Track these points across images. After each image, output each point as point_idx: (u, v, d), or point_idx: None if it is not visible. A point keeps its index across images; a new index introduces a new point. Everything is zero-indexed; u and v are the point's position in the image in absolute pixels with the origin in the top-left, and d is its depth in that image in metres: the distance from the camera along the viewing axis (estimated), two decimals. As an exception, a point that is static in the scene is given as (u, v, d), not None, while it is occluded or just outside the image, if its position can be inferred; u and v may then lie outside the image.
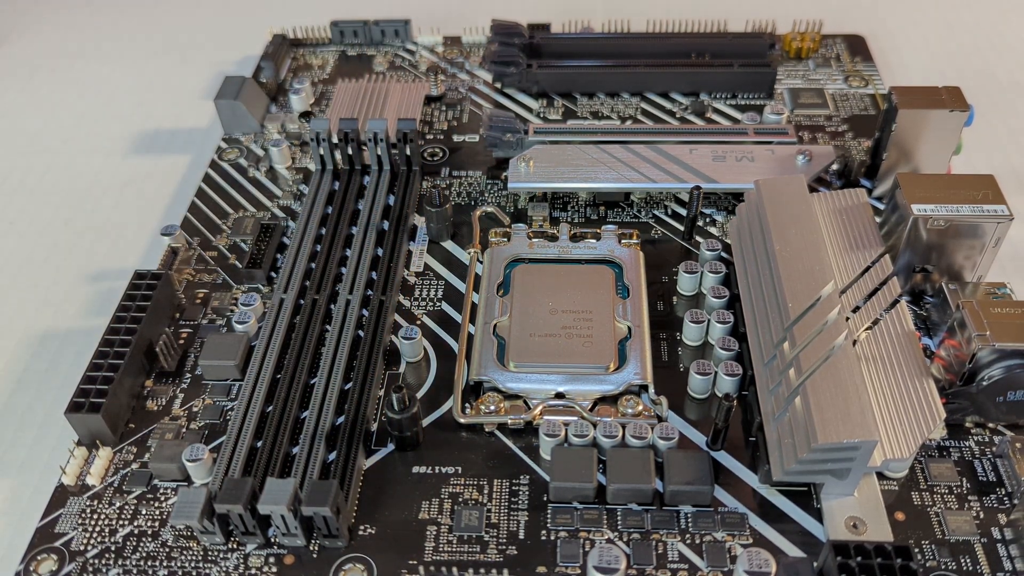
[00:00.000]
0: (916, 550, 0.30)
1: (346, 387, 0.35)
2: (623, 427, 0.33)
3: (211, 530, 0.30)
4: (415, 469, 0.33)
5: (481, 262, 0.40)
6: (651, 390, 0.34)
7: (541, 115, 0.50)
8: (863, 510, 0.31)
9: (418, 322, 0.39)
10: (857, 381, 0.30)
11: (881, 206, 0.43)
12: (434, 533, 0.31)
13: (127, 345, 0.35)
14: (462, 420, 0.34)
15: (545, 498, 0.32)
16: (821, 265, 0.34)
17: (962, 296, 0.36)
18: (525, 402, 0.34)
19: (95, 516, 0.32)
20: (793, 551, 0.30)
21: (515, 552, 0.31)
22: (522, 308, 0.38)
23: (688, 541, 0.31)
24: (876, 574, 0.27)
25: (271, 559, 0.31)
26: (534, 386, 0.35)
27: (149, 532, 0.32)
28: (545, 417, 0.34)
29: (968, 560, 0.30)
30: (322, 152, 0.44)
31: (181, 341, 0.38)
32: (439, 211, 0.41)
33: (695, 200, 0.40)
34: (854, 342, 0.33)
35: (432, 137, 0.49)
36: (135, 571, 0.31)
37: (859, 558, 0.27)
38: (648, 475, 0.31)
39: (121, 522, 0.32)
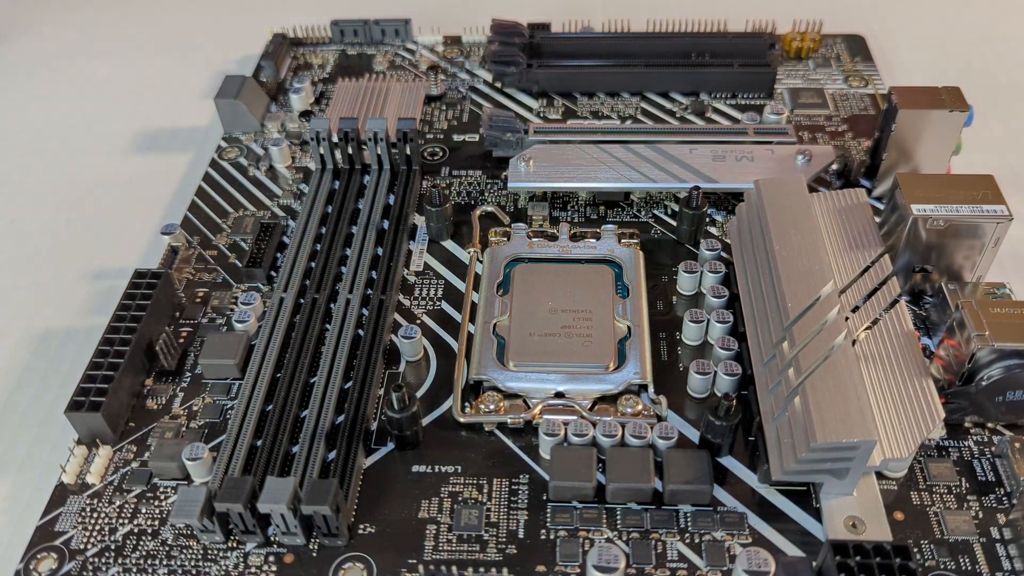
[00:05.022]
0: (915, 550, 0.30)
1: (346, 386, 0.35)
2: (622, 426, 0.33)
3: (211, 529, 0.31)
4: (415, 468, 0.33)
5: (481, 261, 0.40)
6: (651, 389, 0.34)
7: (541, 115, 0.50)
8: (862, 510, 0.31)
9: (418, 321, 0.39)
10: (856, 381, 0.30)
11: (881, 206, 0.43)
12: (434, 532, 0.31)
13: (127, 344, 0.35)
14: (462, 419, 0.34)
15: (544, 497, 0.32)
16: (820, 265, 0.34)
17: (962, 296, 0.36)
18: (525, 401, 0.34)
19: (95, 515, 0.32)
20: (792, 551, 0.30)
21: (515, 551, 0.31)
22: (522, 307, 0.38)
23: (687, 540, 0.31)
24: (875, 574, 0.27)
25: (271, 558, 0.31)
26: (534, 385, 0.35)
27: (149, 531, 0.32)
28: (545, 416, 0.34)
29: (967, 560, 0.30)
30: (322, 151, 0.44)
31: (181, 340, 0.38)
32: (439, 210, 0.41)
33: (694, 202, 0.40)
34: (853, 342, 0.33)
35: (432, 137, 0.49)
36: (135, 570, 0.31)
37: (858, 558, 0.27)
38: (647, 474, 0.31)
39: (121, 521, 0.32)
